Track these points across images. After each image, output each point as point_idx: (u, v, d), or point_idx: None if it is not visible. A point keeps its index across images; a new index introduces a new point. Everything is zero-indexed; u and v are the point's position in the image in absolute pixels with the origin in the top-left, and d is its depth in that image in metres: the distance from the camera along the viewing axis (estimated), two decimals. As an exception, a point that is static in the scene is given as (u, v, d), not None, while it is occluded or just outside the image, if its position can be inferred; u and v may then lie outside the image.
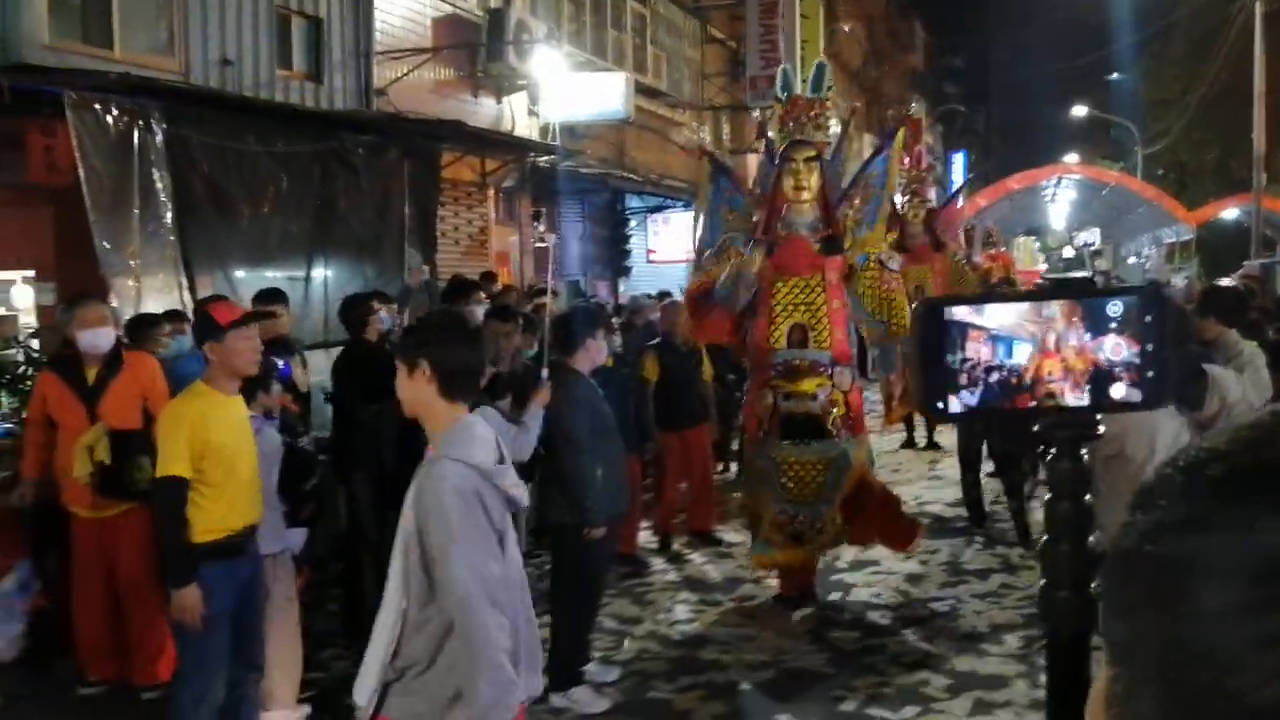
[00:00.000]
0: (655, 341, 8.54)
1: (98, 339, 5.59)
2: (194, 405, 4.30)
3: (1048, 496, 1.83)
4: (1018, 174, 29.61)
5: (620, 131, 16.82)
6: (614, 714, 5.27)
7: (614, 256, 17.63)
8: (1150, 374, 1.35)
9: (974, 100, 53.67)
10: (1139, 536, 0.62)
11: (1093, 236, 34.26)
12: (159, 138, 8.34)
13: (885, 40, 38.96)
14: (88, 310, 5.67)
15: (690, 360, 8.34)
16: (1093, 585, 1.31)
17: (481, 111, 14.07)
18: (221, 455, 4.29)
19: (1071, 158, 40.66)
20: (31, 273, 9.28)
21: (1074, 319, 1.30)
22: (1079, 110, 41.04)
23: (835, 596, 6.98)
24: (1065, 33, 51.51)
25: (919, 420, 12.18)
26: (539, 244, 14.72)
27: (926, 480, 10.55)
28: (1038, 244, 36.25)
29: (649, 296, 11.32)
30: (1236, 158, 29.75)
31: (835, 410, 6.28)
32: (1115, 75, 42.93)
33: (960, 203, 16.11)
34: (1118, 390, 1.25)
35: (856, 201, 6.68)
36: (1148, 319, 1.21)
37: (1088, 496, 1.24)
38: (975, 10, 59.89)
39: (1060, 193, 34.19)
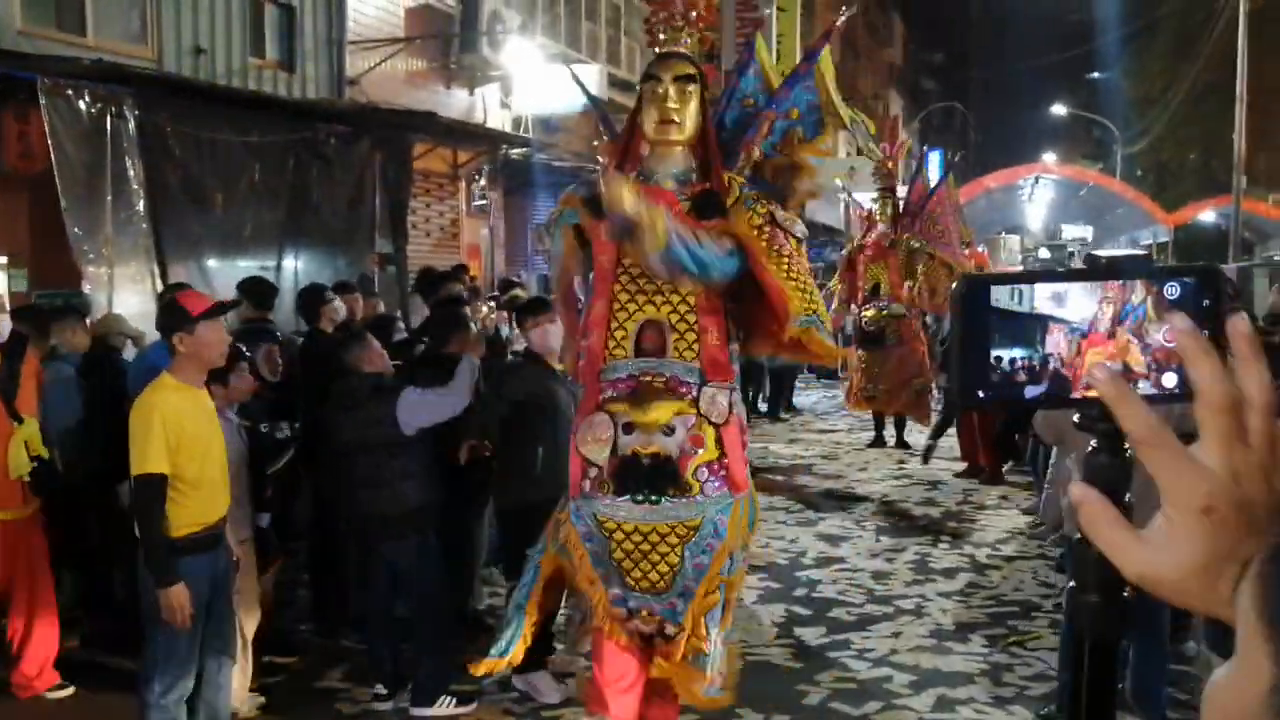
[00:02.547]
0: None
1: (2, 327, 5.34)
2: (166, 398, 4.28)
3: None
4: (995, 172, 29.77)
5: (594, 124, 16.80)
6: (572, 705, 5.29)
7: (588, 248, 17.65)
8: None
9: (953, 97, 53.91)
10: None
11: (1084, 232, 33.59)
12: (132, 125, 8.32)
13: (863, 34, 39.08)
14: None
15: None
16: (1125, 590, 1.26)
17: (454, 102, 14.07)
18: (195, 449, 4.30)
19: (1051, 157, 40.89)
20: (3, 259, 9.23)
21: (1130, 301, 1.17)
22: (1059, 109, 41.24)
23: (801, 593, 7.05)
24: (1047, 29, 51.79)
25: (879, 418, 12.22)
26: (477, 201, 14.66)
27: (894, 480, 10.64)
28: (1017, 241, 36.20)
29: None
30: (1218, 158, 29.93)
31: (701, 453, 4.05)
32: (1097, 73, 43.17)
33: (933, 192, 16.17)
34: (1168, 380, 1.16)
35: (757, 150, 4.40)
36: (1205, 303, 1.14)
37: (1127, 496, 1.16)
38: (956, 5, 60.07)
39: (1038, 192, 34.37)
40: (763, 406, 14.73)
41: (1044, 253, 34.54)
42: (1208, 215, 27.97)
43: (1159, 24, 35.59)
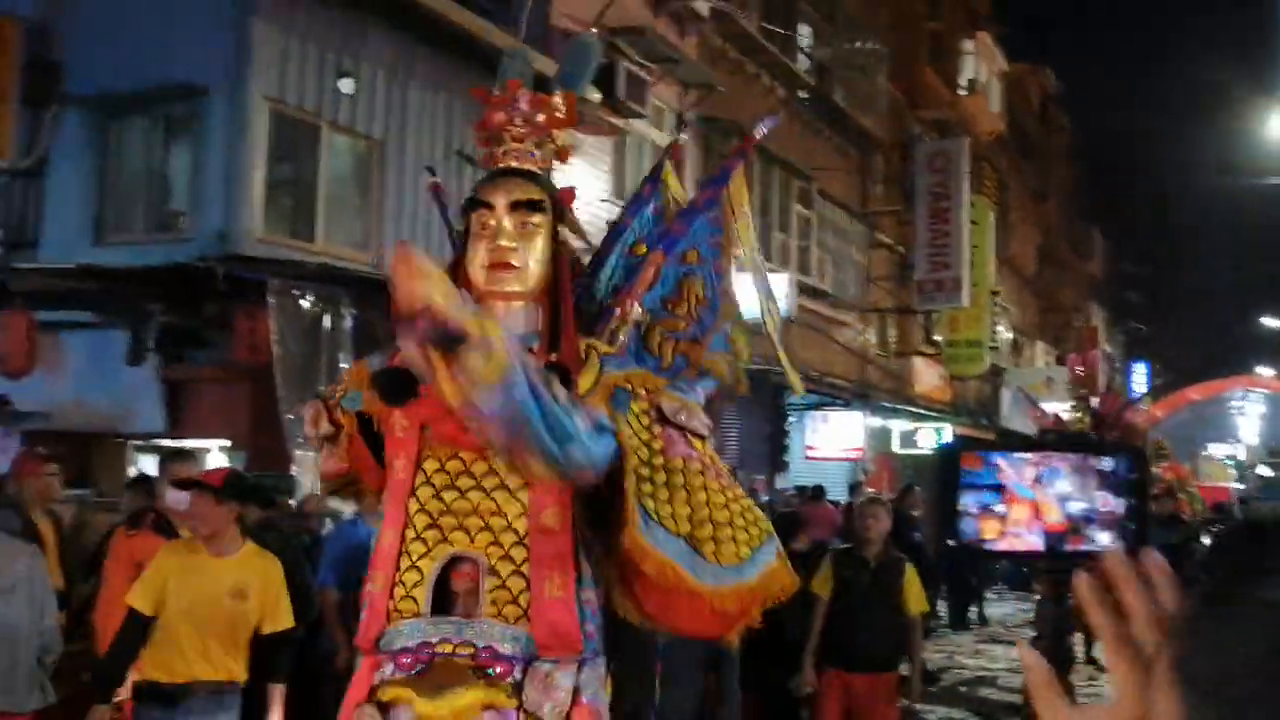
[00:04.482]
0: (838, 546, 6.84)
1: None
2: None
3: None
4: (1199, 384, 28.70)
5: (783, 329, 17.18)
6: None
7: (772, 451, 17.78)
8: (1131, 525, 1.44)
9: (1155, 306, 52.52)
10: (1233, 580, 0.73)
11: None
12: (348, 322, 9.08)
13: (1062, 247, 38.82)
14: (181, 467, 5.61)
15: (882, 578, 6.17)
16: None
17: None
18: None
19: (1268, 370, 39.10)
20: (228, 442, 10.07)
21: (1072, 471, 1.30)
22: (1271, 321, 39.66)
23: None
24: (1252, 237, 50.32)
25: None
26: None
27: (1084, 699, 10.09)
28: (1230, 460, 34.23)
29: (799, 491, 11.39)
30: None
31: None
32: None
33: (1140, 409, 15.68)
34: (1103, 538, 1.37)
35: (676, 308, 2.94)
36: (1133, 476, 1.35)
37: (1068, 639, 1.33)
38: (1155, 215, 59.19)
39: (1249, 406, 32.82)
40: (942, 611, 14.28)
41: (1264, 469, 32.52)
42: None
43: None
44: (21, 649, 4.88)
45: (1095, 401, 12.04)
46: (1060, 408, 12.73)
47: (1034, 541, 1.43)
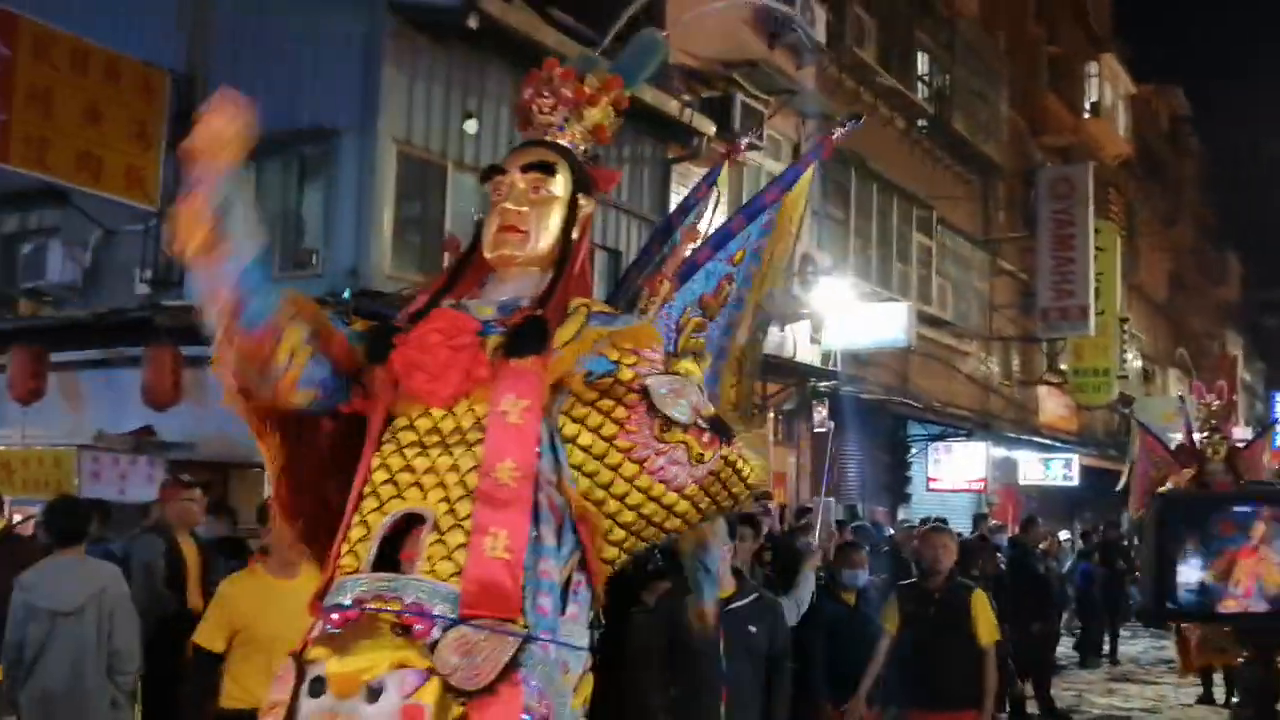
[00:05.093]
0: (907, 582, 6.54)
1: None
2: None
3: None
4: (1347, 414, 27.40)
5: (903, 359, 17.05)
6: None
7: (894, 483, 17.58)
8: None
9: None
10: None
11: None
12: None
13: (1194, 272, 37.59)
14: None
15: (948, 609, 5.91)
16: None
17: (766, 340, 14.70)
18: None
19: None
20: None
21: None
22: None
23: None
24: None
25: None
26: (818, 429, 14.93)
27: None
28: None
29: (923, 522, 11.21)
30: None
31: None
32: None
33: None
34: None
35: (703, 298, 2.88)
36: None
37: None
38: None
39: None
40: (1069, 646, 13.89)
41: None
42: None
43: None
44: (89, 667, 5.17)
45: (1234, 435, 11.64)
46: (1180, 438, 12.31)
47: (1259, 604, 1.28)
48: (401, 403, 2.49)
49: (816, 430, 15.11)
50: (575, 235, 2.65)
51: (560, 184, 2.64)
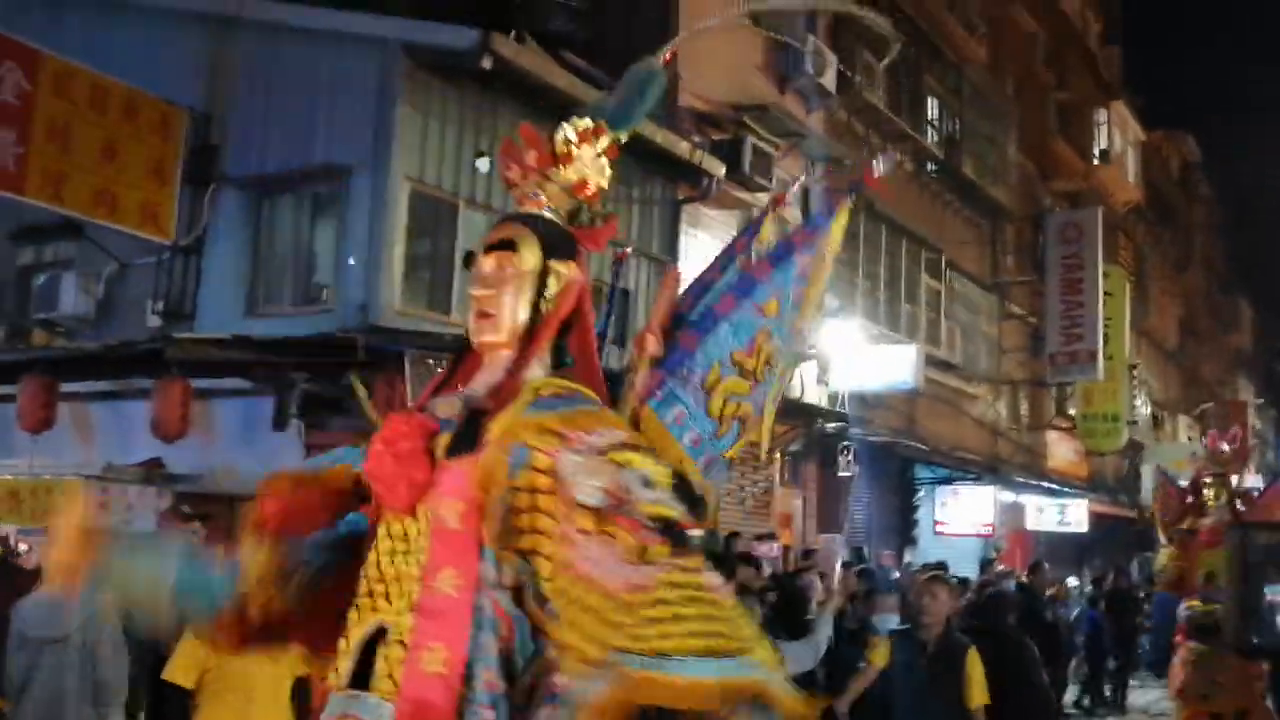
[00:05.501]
0: (901, 629, 6.42)
1: None
2: None
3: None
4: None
5: (911, 401, 17.05)
6: None
7: (901, 526, 17.52)
8: None
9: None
10: None
11: None
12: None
13: (1205, 318, 37.56)
14: None
15: (939, 663, 5.58)
16: None
17: (774, 378, 14.71)
18: None
19: None
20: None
21: None
22: None
23: None
24: None
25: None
26: (843, 473, 14.94)
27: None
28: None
29: (925, 568, 11.19)
30: None
31: None
32: None
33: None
34: None
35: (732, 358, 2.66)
36: None
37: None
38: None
39: None
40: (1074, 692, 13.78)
41: None
42: None
43: None
44: (69, 698, 5.20)
45: (1248, 482, 11.60)
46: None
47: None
48: (385, 510, 2.42)
49: (841, 474, 15.13)
50: (545, 308, 2.48)
51: (527, 258, 2.47)
